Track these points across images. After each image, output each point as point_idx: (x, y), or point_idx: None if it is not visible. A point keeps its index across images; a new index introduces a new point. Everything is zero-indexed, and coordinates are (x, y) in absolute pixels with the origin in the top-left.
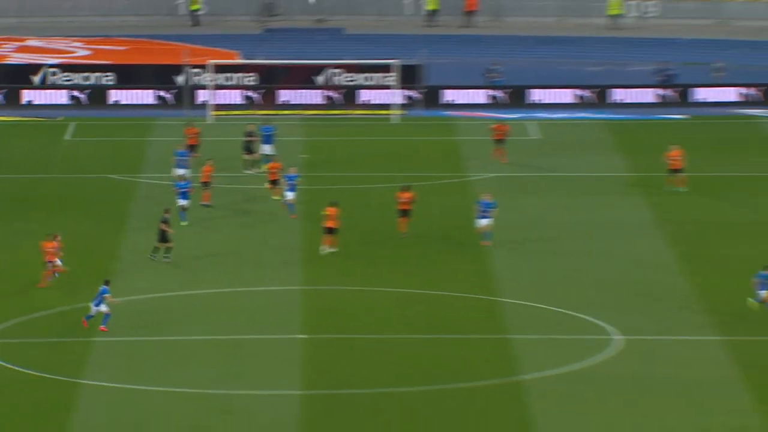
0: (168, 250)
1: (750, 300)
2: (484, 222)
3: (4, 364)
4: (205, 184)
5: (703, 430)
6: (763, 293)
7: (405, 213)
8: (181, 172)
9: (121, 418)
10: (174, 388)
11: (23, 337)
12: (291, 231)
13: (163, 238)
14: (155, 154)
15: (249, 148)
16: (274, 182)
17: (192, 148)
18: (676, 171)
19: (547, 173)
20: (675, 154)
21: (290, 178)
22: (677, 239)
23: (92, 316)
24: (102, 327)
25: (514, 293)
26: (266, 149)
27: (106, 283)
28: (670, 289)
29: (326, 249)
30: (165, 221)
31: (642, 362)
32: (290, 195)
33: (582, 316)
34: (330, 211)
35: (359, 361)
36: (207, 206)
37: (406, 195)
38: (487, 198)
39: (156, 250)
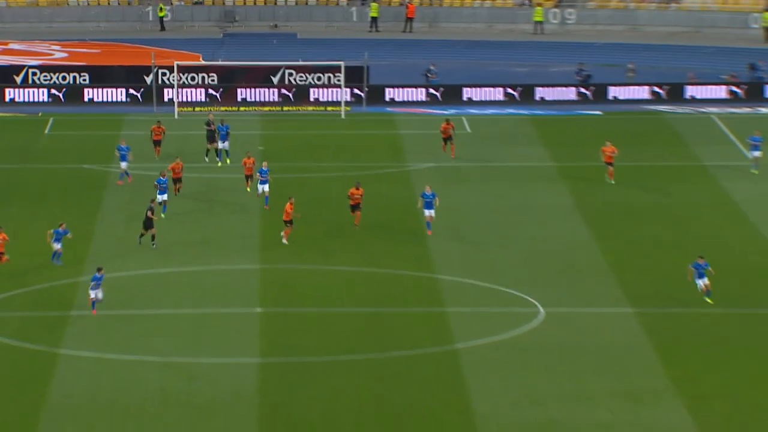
0: (153, 237)
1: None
2: (427, 212)
3: None
4: (176, 179)
5: (616, 391)
6: (701, 282)
7: (356, 207)
8: (124, 165)
9: (97, 384)
10: (144, 356)
11: (4, 311)
12: (251, 218)
13: (149, 225)
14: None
15: (210, 137)
16: (248, 177)
17: (157, 143)
18: (609, 164)
19: (478, 163)
20: (609, 150)
21: (263, 173)
22: (594, 222)
23: (100, 301)
24: (93, 311)
25: (450, 271)
26: (223, 146)
27: (99, 270)
28: (589, 266)
29: (284, 239)
30: (150, 210)
31: (563, 331)
32: (264, 188)
33: (511, 291)
34: (288, 205)
35: (311, 332)
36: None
37: (358, 191)
38: (427, 190)
39: (142, 236)
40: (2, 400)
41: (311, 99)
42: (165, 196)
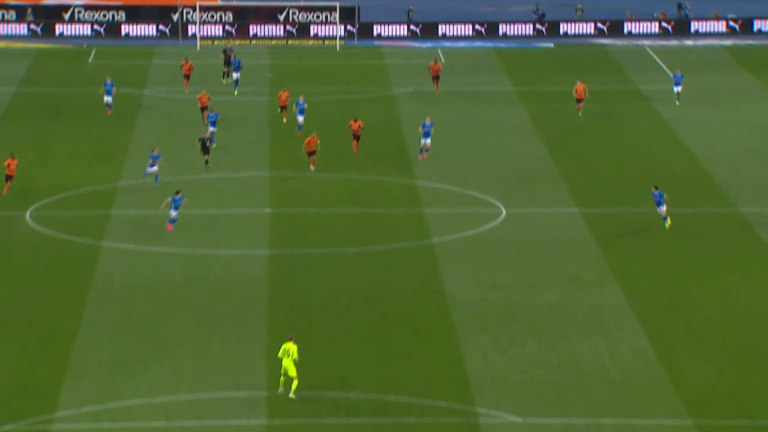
0: (207, 161)
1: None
2: (423, 140)
3: (40, 229)
4: (204, 108)
5: (565, 278)
6: (660, 210)
7: (356, 138)
8: (108, 99)
9: (134, 272)
10: (172, 249)
11: (54, 210)
12: (261, 132)
13: (205, 150)
14: (157, 73)
15: (226, 61)
16: (283, 108)
17: (186, 77)
18: (580, 100)
19: (452, 88)
20: (580, 88)
21: (299, 104)
22: (548, 138)
23: (175, 221)
24: (169, 226)
25: (428, 178)
26: (236, 76)
27: (177, 192)
28: (543, 175)
29: (312, 166)
30: (201, 141)
31: (521, 229)
32: (300, 118)
33: (478, 195)
34: (311, 138)
35: (312, 229)
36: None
37: (356, 123)
38: (427, 121)
39: (207, 162)
40: (55, 285)
41: (311, 34)
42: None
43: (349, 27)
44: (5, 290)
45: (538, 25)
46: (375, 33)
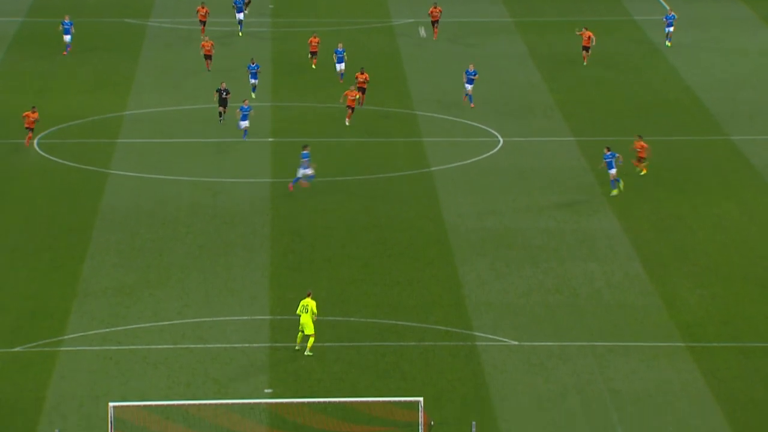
0: (221, 113)
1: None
2: (468, 86)
3: (48, 156)
4: (207, 56)
5: (560, 204)
6: (611, 172)
7: (361, 90)
8: (68, 38)
9: (139, 199)
10: (177, 177)
11: (62, 138)
12: (263, 62)
13: (223, 104)
14: (161, 3)
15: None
16: (313, 54)
17: (203, 23)
18: (586, 48)
19: (450, 19)
20: (585, 35)
21: (338, 52)
22: (545, 68)
23: (298, 179)
24: (305, 183)
25: (426, 108)
26: (240, 16)
27: (305, 147)
28: (540, 105)
29: (347, 122)
30: (218, 91)
31: (518, 157)
32: (341, 66)
33: (476, 124)
34: (350, 93)
35: (313, 157)
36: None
37: (363, 76)
38: (471, 68)
39: (221, 114)
40: (62, 211)
41: None
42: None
43: None
44: (14, 217)
45: None
46: None
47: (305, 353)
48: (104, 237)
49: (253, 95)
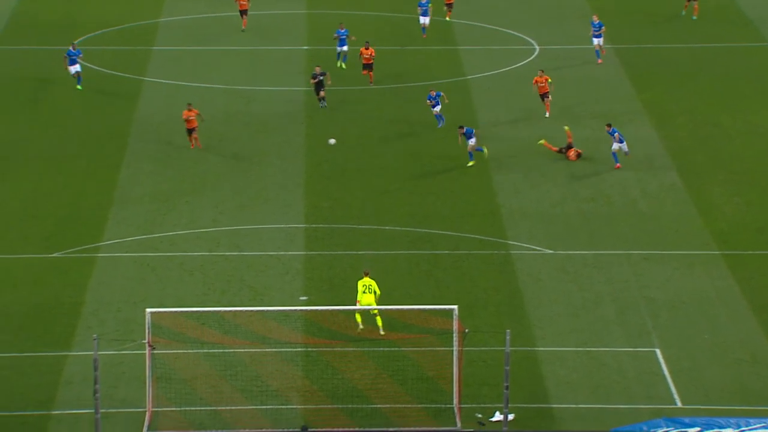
0: (322, 98)
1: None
2: (595, 41)
3: (84, 63)
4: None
5: (597, 113)
6: (471, 142)
7: (368, 67)
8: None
9: (175, 106)
10: (212, 84)
11: (98, 45)
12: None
13: (319, 86)
14: None
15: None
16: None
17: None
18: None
19: None
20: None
21: (423, 5)
22: None
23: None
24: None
25: (462, 17)
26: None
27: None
28: (576, 12)
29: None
30: (313, 76)
31: (554, 63)
32: (425, 19)
33: (512, 31)
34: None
35: (348, 64)
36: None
37: (368, 51)
38: (595, 19)
39: (321, 99)
40: (98, 118)
41: None
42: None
43: None
44: (51, 123)
45: None
46: None
47: (380, 333)
48: (140, 145)
49: (343, 65)
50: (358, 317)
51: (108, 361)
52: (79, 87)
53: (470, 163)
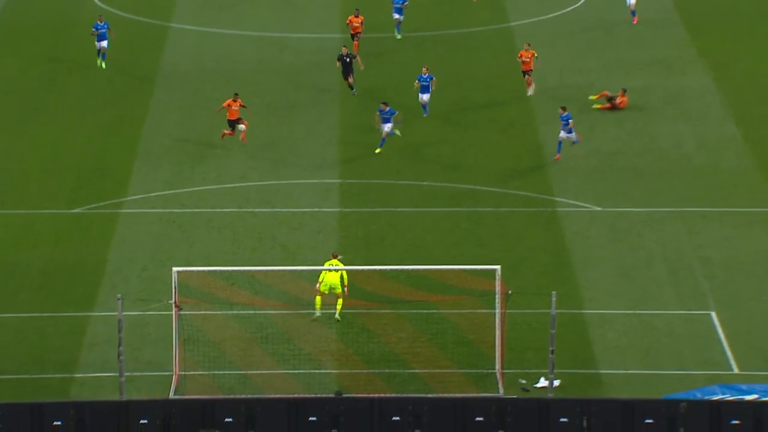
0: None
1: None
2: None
3: (107, 8)
4: None
5: (650, 61)
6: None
7: (355, 37)
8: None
9: (202, 54)
10: (242, 31)
11: None
12: None
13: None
14: None
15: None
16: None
17: None
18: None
19: None
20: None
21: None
22: None
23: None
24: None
25: None
26: None
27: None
28: None
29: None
30: (339, 58)
31: (605, 10)
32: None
33: None
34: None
35: (386, 10)
36: None
37: (357, 19)
38: None
39: (351, 87)
40: (122, 67)
41: None
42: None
43: None
44: (73, 74)
45: None
46: None
47: (336, 317)
48: (166, 94)
49: (399, 35)
50: (318, 301)
51: (133, 322)
52: (103, 65)
53: (378, 150)
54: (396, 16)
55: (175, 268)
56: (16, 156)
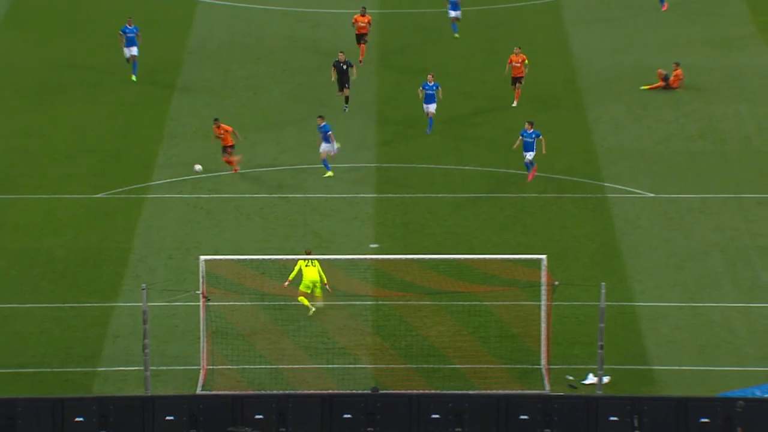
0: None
1: None
2: None
3: None
4: None
5: (709, 39)
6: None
7: (361, 38)
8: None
9: (232, 31)
10: (273, 6)
11: None
12: None
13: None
14: None
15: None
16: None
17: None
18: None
19: None
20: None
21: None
22: None
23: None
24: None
25: None
26: None
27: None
28: None
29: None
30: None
31: None
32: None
33: None
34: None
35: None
36: None
37: (364, 18)
38: None
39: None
40: (149, 42)
41: None
42: None
43: None
44: (96, 49)
45: None
46: None
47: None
48: (194, 73)
49: (456, 35)
50: (305, 300)
51: (158, 313)
52: (134, 77)
53: (328, 174)
54: (452, 13)
55: (202, 257)
56: (37, 137)
